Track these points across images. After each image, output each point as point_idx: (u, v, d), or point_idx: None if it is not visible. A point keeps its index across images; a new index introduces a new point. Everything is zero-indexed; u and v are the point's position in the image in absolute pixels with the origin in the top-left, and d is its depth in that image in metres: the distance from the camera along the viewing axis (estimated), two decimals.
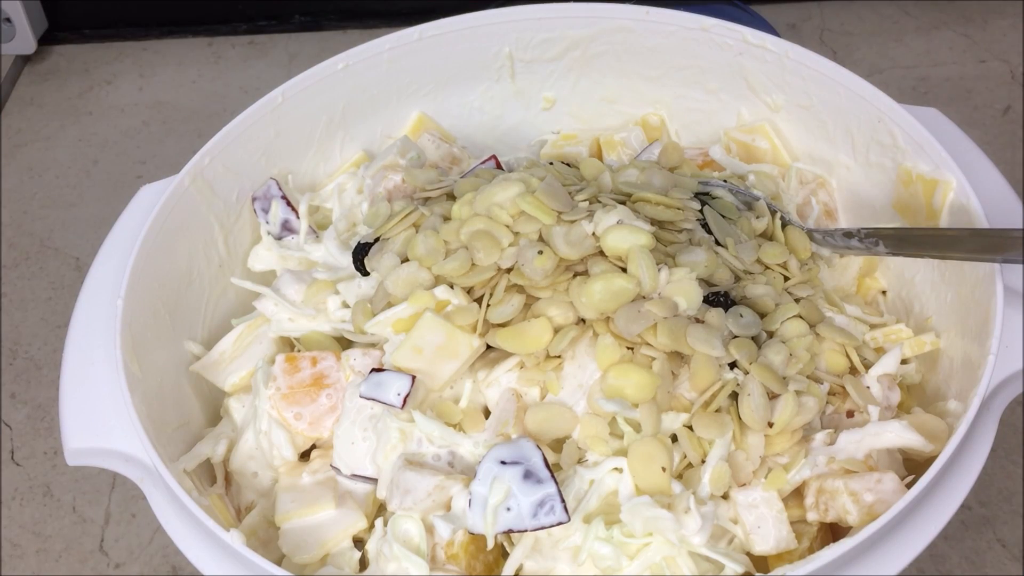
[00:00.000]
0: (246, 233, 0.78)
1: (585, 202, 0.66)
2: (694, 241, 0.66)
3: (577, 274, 0.63)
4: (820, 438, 0.61)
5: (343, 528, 0.63)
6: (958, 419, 0.57)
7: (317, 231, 0.77)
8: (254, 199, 0.78)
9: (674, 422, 0.59)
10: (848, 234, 0.69)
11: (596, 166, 0.73)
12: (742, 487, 0.59)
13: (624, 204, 0.66)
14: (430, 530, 0.59)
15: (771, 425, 0.59)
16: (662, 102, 0.86)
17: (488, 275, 0.63)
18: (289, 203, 0.77)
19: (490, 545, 0.57)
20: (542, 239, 0.64)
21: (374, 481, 0.63)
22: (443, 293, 0.64)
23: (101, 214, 1.13)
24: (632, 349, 0.61)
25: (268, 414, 0.66)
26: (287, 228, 0.77)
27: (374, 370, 0.63)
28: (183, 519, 0.58)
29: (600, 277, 0.61)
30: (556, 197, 0.65)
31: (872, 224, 0.74)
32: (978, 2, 1.33)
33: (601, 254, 0.63)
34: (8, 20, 1.28)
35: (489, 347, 0.64)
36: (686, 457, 0.59)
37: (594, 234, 0.64)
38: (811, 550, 0.59)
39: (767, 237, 0.70)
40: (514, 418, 0.61)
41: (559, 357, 0.62)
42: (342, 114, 0.82)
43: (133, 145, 1.23)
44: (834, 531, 0.62)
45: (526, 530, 0.56)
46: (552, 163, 0.75)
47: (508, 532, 0.56)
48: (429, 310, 0.62)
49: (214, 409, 0.73)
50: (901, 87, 1.22)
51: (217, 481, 0.68)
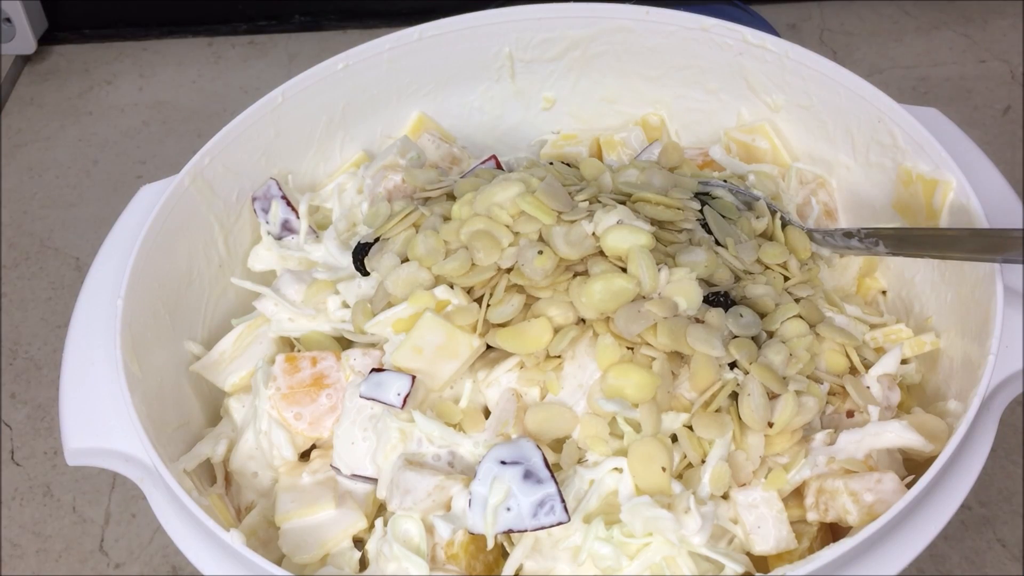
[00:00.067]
0: (246, 233, 0.78)
1: (585, 202, 0.66)
2: (694, 241, 0.66)
3: (577, 274, 0.63)
4: (820, 438, 0.61)
5: (343, 528, 0.63)
6: (958, 419, 0.57)
7: (317, 231, 0.77)
8: (254, 199, 0.78)
9: (674, 422, 0.59)
10: (848, 234, 0.69)
11: (596, 166, 0.73)
12: (742, 487, 0.59)
13: (624, 204, 0.66)
14: (430, 530, 0.59)
15: (771, 425, 0.59)
16: (662, 102, 0.86)
17: (488, 275, 0.63)
18: (289, 203, 0.77)
19: (490, 545, 0.57)
20: (542, 239, 0.64)
21: (374, 481, 0.63)
22: (443, 293, 0.64)
23: (101, 214, 1.13)
24: (632, 349, 0.61)
25: (268, 414, 0.66)
26: (287, 228, 0.77)
27: (374, 370, 0.63)
28: (183, 519, 0.58)
29: (600, 277, 0.61)
30: (556, 197, 0.65)
31: (872, 224, 0.74)
32: (978, 2, 1.32)
33: (601, 254, 0.63)
34: (8, 20, 1.28)
35: (489, 347, 0.64)
36: (686, 457, 0.59)
37: (594, 234, 0.64)
38: (811, 550, 0.59)
39: (767, 237, 0.70)
40: (514, 418, 0.61)
41: (559, 357, 0.62)
42: (342, 114, 0.82)
43: (133, 145, 1.23)
44: (834, 531, 0.62)
45: (526, 530, 0.56)
46: (552, 163, 0.75)
47: (508, 532, 0.56)
48: (429, 310, 0.62)
49: (214, 409, 0.73)
50: (901, 87, 1.22)
51: (217, 481, 0.68)
